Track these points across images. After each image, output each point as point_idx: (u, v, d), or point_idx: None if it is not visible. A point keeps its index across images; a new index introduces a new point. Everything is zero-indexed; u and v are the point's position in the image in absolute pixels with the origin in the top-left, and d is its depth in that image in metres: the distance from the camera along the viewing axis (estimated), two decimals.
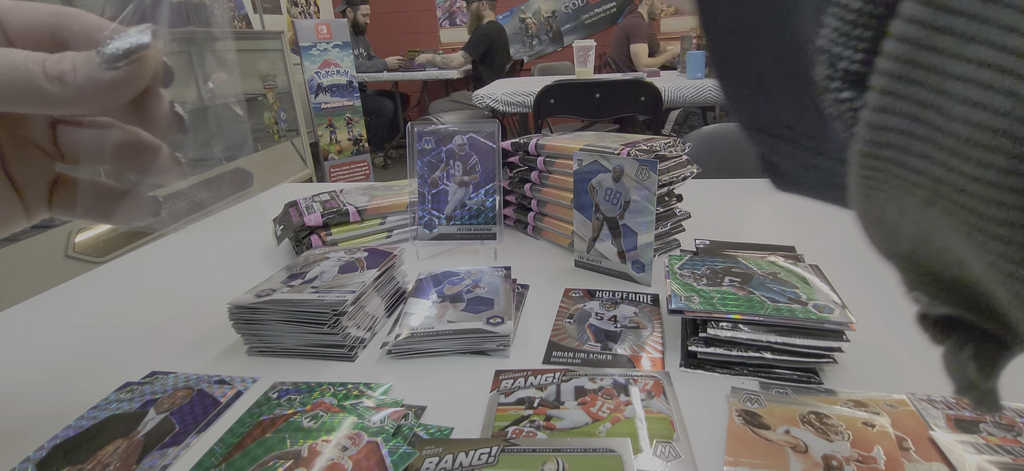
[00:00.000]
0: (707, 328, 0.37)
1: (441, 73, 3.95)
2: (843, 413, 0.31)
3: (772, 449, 0.28)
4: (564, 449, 0.29)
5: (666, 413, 0.32)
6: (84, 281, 0.59)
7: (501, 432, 0.31)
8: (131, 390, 0.38)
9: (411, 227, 0.59)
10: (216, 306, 0.48)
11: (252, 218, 0.78)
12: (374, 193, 0.67)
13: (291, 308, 0.40)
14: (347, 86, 3.33)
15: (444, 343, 0.40)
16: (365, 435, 0.30)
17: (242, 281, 0.49)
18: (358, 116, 3.42)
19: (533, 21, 5.06)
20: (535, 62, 4.76)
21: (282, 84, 3.30)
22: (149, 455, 0.32)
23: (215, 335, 0.45)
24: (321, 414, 0.32)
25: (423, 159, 0.59)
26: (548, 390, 0.34)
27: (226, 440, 0.32)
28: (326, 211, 0.60)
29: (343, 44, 3.24)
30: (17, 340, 0.47)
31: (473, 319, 0.41)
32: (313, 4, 4.72)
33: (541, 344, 0.41)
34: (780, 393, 0.33)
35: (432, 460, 0.29)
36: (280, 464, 0.29)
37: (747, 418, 0.31)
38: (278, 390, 0.37)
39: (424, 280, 0.49)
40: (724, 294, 0.39)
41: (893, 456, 0.28)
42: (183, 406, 0.36)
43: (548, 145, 0.59)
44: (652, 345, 0.40)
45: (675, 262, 0.45)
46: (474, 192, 0.58)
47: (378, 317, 0.45)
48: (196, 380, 0.39)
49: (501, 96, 2.07)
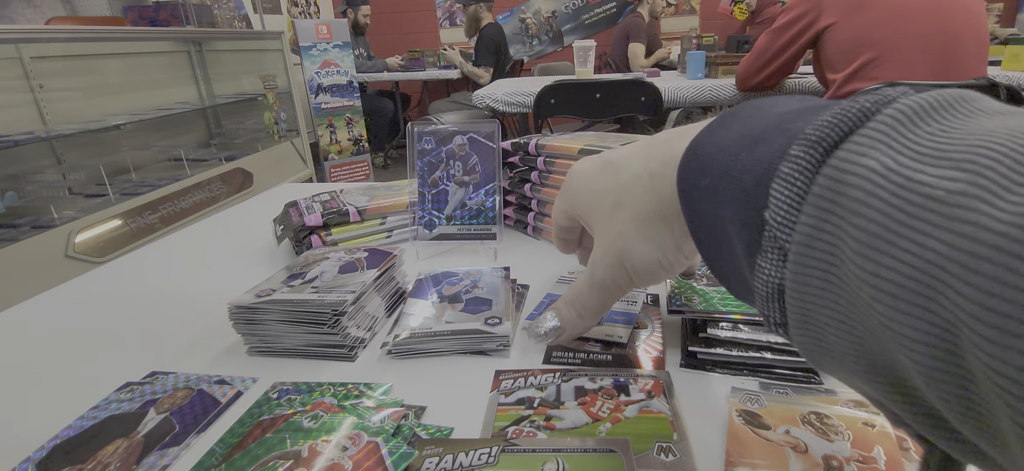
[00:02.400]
0: (707, 328, 0.37)
1: (441, 73, 3.95)
2: (843, 413, 0.31)
3: (772, 449, 0.28)
4: (564, 449, 0.29)
5: (666, 413, 0.32)
6: (84, 281, 0.59)
7: (501, 432, 0.31)
8: (131, 390, 0.38)
9: (411, 227, 0.59)
10: (216, 306, 0.48)
11: (252, 218, 0.78)
12: (374, 193, 0.67)
13: (291, 308, 0.40)
14: (347, 86, 3.33)
15: (443, 343, 0.40)
16: (365, 435, 0.30)
17: (242, 281, 0.49)
18: (358, 116, 3.42)
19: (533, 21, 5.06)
20: (535, 62, 4.77)
21: (282, 84, 3.30)
22: (149, 455, 0.32)
23: (215, 335, 0.45)
24: (321, 414, 0.32)
25: (423, 159, 0.59)
26: (548, 390, 0.35)
27: (226, 440, 0.32)
28: (326, 211, 0.60)
29: (343, 44, 3.24)
30: (17, 340, 0.47)
31: (472, 320, 0.41)
32: (313, 4, 4.73)
33: (541, 344, 0.41)
34: (780, 393, 0.33)
35: (432, 460, 0.29)
36: (280, 464, 0.29)
37: (747, 418, 0.31)
38: (278, 390, 0.37)
39: (423, 280, 0.49)
40: (724, 294, 0.39)
41: (893, 456, 0.28)
42: (183, 406, 0.36)
43: (548, 145, 0.59)
44: (652, 345, 0.40)
45: None
46: (474, 192, 0.58)
47: (378, 317, 0.45)
48: (196, 380, 0.39)
49: (501, 96, 2.07)
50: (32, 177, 2.09)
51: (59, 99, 2.28)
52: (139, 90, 2.72)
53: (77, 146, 2.33)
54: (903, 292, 0.13)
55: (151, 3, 2.95)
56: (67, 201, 2.08)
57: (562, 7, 4.95)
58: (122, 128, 2.38)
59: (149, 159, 2.69)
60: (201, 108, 3.02)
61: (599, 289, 0.33)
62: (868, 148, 0.15)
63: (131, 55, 2.68)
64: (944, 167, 0.13)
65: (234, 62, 3.32)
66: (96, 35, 2.21)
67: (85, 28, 2.28)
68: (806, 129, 0.17)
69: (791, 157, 0.17)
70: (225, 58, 3.27)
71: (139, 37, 2.70)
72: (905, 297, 0.13)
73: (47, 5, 2.58)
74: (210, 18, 3.21)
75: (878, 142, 0.15)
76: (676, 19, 4.82)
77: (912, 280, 0.13)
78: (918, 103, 0.15)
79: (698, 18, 4.81)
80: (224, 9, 3.61)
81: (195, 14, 3.02)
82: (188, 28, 2.91)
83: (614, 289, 0.32)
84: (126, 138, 2.59)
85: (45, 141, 2.13)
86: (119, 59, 2.60)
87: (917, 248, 0.13)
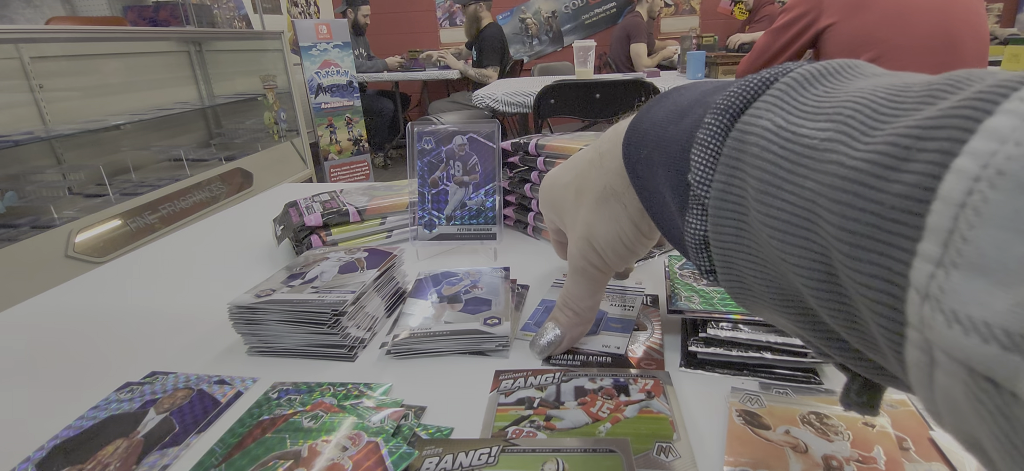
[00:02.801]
0: (707, 328, 0.37)
1: (441, 73, 3.94)
2: (843, 413, 0.31)
3: (772, 449, 0.28)
4: (564, 449, 0.29)
5: (666, 413, 0.32)
6: (84, 281, 0.59)
7: (501, 432, 0.31)
8: (131, 390, 0.38)
9: (411, 227, 0.59)
10: (216, 306, 0.48)
11: (252, 218, 0.78)
12: (374, 193, 0.67)
13: (291, 308, 0.40)
14: (347, 86, 3.33)
15: (441, 344, 0.40)
16: (365, 435, 0.30)
17: (242, 281, 0.49)
18: (358, 116, 3.42)
19: (533, 21, 5.06)
20: (535, 62, 4.76)
21: (282, 84, 3.30)
22: (149, 455, 0.32)
23: (215, 335, 0.45)
24: (321, 414, 0.32)
25: (423, 159, 0.59)
26: (548, 390, 0.34)
27: (226, 440, 0.32)
28: (326, 211, 0.60)
29: (343, 44, 3.24)
30: (17, 340, 0.47)
31: (470, 320, 0.41)
32: (313, 4, 4.72)
33: (544, 355, 0.41)
34: (780, 393, 0.33)
35: (432, 460, 0.29)
36: (280, 464, 0.29)
37: (747, 418, 0.31)
38: (278, 390, 0.37)
39: (423, 280, 0.49)
40: (724, 294, 0.39)
41: (893, 456, 0.28)
42: (183, 406, 0.36)
43: (548, 145, 0.59)
44: (652, 345, 0.40)
45: (675, 262, 0.45)
46: (474, 192, 0.58)
47: (378, 317, 0.45)
48: (196, 380, 0.39)
49: (501, 96, 2.07)
50: (32, 177, 2.09)
51: (59, 99, 2.28)
52: (139, 90, 2.72)
53: (77, 146, 2.33)
54: (790, 227, 0.16)
55: (151, 3, 2.95)
56: (67, 201, 2.08)
57: (562, 7, 4.95)
58: (122, 128, 2.38)
59: (149, 159, 2.69)
60: (201, 108, 3.02)
61: (581, 277, 0.35)
62: (765, 111, 0.18)
63: (131, 55, 2.68)
64: (820, 121, 0.16)
65: (234, 62, 3.32)
66: (96, 35, 2.21)
67: (85, 28, 2.28)
68: (716, 99, 0.20)
69: (705, 124, 0.20)
70: (225, 58, 3.27)
71: (139, 37, 2.70)
72: (792, 231, 0.16)
73: (47, 5, 2.57)
74: (210, 18, 3.21)
75: (772, 106, 0.18)
76: (676, 19, 4.82)
77: (795, 216, 0.16)
78: (808, 72, 0.18)
79: (698, 18, 4.81)
80: (224, 9, 3.61)
81: (195, 14, 3.02)
82: (188, 28, 2.91)
83: (594, 272, 0.34)
84: (126, 138, 2.59)
85: (45, 141, 2.13)
86: (119, 59, 2.60)
87: (797, 189, 0.16)
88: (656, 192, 0.25)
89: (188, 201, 2.38)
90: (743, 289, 0.20)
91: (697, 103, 0.22)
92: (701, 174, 0.20)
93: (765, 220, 0.17)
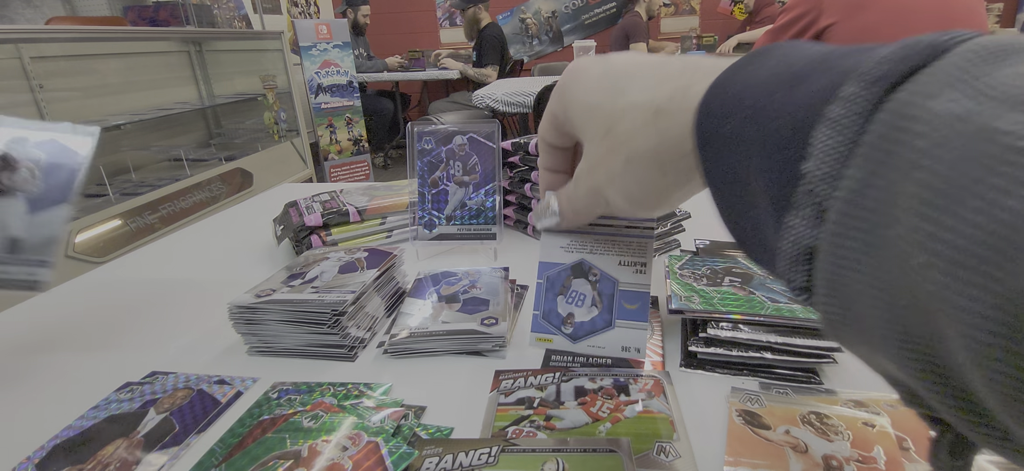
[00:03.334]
0: (707, 328, 0.37)
1: (441, 73, 3.94)
2: (843, 413, 0.31)
3: (772, 449, 0.28)
4: (564, 449, 0.29)
5: (666, 413, 0.32)
6: (84, 281, 0.59)
7: (501, 432, 0.31)
8: (131, 390, 0.38)
9: (411, 227, 0.59)
10: (216, 306, 0.48)
11: (252, 218, 0.78)
12: (374, 193, 0.67)
13: (291, 308, 0.40)
14: (347, 86, 3.33)
15: (439, 343, 0.40)
16: (365, 435, 0.30)
17: (242, 281, 0.49)
18: (358, 116, 3.42)
19: (533, 21, 5.06)
20: (535, 62, 4.76)
21: (282, 84, 3.30)
22: (149, 455, 0.32)
23: (215, 335, 0.45)
24: (321, 414, 0.32)
25: (423, 159, 0.59)
26: (548, 390, 0.34)
27: (226, 440, 0.32)
28: (326, 211, 0.60)
29: (343, 44, 3.24)
30: (17, 340, 0.47)
31: (468, 320, 0.41)
32: (313, 4, 4.72)
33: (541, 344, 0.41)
34: (780, 393, 0.33)
35: (432, 460, 0.29)
36: (280, 464, 0.29)
37: (747, 418, 0.31)
38: (278, 390, 0.37)
39: (422, 280, 0.49)
40: (724, 294, 0.39)
41: (893, 456, 0.28)
42: (183, 406, 0.36)
43: None
44: (652, 345, 0.40)
45: (675, 262, 0.45)
46: (474, 192, 0.58)
47: (378, 317, 0.45)
48: (196, 380, 0.39)
49: (501, 96, 2.07)
50: None
51: (59, 99, 2.28)
52: (139, 90, 2.72)
53: None
54: (967, 258, 0.11)
55: (151, 3, 2.95)
56: None
57: (562, 7, 4.95)
58: (122, 128, 2.38)
59: (149, 159, 2.69)
60: (201, 108, 3.02)
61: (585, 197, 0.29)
62: (938, 90, 0.13)
63: (131, 55, 2.68)
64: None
65: (234, 62, 3.32)
66: (96, 35, 2.21)
67: (85, 28, 2.28)
68: (863, 65, 0.15)
69: (843, 98, 0.15)
70: (225, 58, 3.27)
71: (139, 37, 2.70)
72: (969, 263, 0.11)
73: (47, 5, 2.57)
74: (210, 18, 3.21)
75: (949, 84, 0.13)
76: (676, 19, 4.82)
77: (979, 244, 0.11)
78: (994, 42, 0.13)
79: (698, 18, 4.81)
80: (224, 9, 3.61)
81: (195, 14, 3.01)
82: (188, 28, 2.91)
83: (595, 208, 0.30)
84: (126, 138, 2.59)
85: None
86: (119, 59, 2.60)
87: (990, 207, 0.11)
88: (736, 180, 0.19)
89: (188, 201, 2.38)
90: (846, 319, 0.15)
91: (820, 66, 0.17)
92: (828, 166, 0.15)
93: (925, 241, 0.12)
